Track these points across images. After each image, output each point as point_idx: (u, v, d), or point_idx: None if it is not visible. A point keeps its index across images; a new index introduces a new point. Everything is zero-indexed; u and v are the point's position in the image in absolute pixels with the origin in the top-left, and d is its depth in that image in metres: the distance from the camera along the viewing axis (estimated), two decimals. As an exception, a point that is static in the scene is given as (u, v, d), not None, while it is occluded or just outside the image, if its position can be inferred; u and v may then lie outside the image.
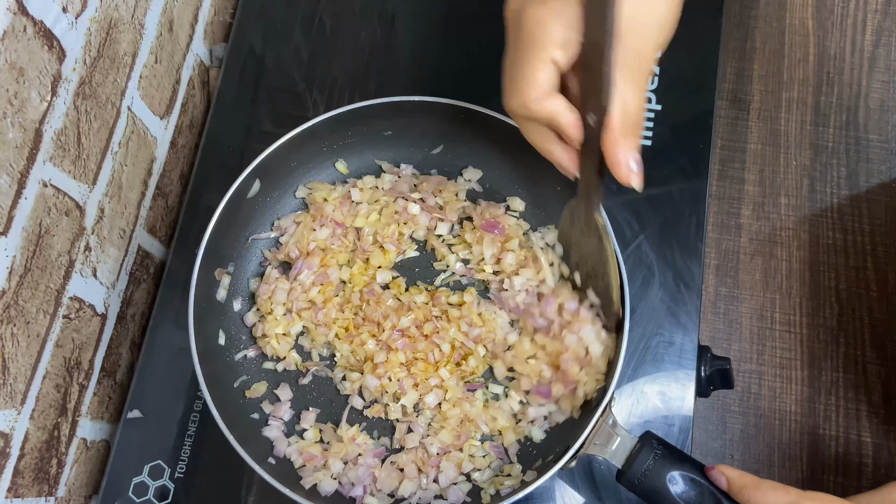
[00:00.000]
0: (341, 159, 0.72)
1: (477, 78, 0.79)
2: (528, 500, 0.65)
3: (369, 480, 0.63)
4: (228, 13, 0.87)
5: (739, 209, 1.31)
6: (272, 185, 0.69)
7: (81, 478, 0.68)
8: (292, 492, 0.58)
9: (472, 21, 0.82)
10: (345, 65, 0.80)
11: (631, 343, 0.69)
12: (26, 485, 0.59)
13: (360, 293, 0.68)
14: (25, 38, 0.50)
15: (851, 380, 1.22)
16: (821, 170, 1.32)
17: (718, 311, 1.26)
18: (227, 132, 0.78)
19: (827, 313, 1.26)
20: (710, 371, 0.72)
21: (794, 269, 1.28)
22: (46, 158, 0.55)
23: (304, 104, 0.79)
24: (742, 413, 1.22)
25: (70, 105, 0.57)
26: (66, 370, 0.63)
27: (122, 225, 0.69)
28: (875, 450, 1.19)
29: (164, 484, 0.67)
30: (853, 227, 1.29)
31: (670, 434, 0.68)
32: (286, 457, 0.64)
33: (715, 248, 1.29)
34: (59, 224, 0.58)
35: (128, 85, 0.66)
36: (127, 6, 0.64)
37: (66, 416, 0.64)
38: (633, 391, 0.69)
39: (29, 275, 0.55)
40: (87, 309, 0.65)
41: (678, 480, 0.56)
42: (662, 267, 0.73)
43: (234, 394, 0.65)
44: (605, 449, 0.59)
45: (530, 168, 0.69)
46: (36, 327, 0.57)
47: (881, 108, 1.34)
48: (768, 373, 1.23)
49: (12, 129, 0.51)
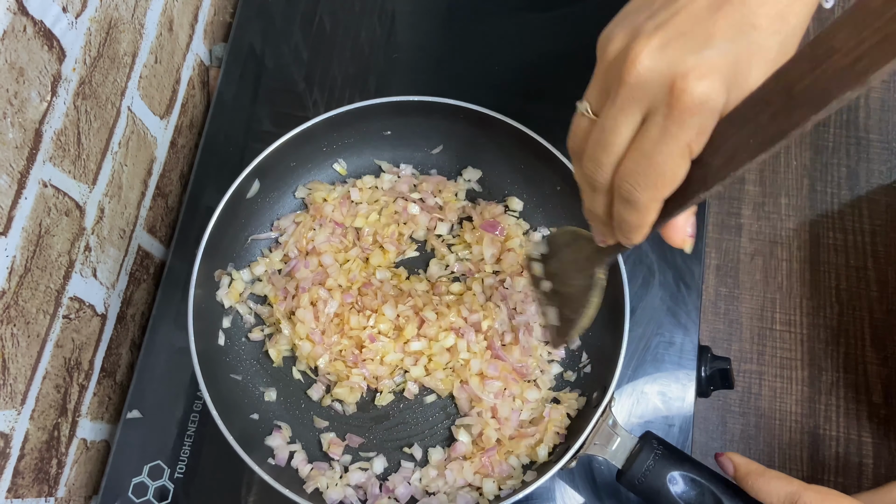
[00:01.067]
0: (341, 159, 0.72)
1: (477, 78, 0.79)
2: (528, 500, 0.65)
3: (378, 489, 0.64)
4: (228, 13, 0.87)
5: (739, 209, 1.31)
6: (272, 185, 0.69)
7: (81, 478, 0.68)
8: (293, 493, 0.58)
9: (472, 21, 0.82)
10: (345, 65, 0.80)
11: (631, 343, 0.69)
12: (26, 485, 0.59)
13: (359, 289, 0.68)
14: (25, 37, 0.50)
15: (852, 380, 1.22)
16: (821, 170, 1.32)
17: (718, 311, 1.26)
18: (227, 132, 0.78)
19: (827, 313, 1.25)
20: (711, 371, 0.72)
21: (795, 269, 1.28)
22: (46, 158, 0.55)
23: (303, 104, 0.79)
24: (742, 413, 1.22)
25: (70, 105, 0.57)
26: (66, 370, 0.63)
27: (121, 225, 0.69)
28: (875, 450, 1.19)
29: (163, 484, 0.67)
30: (853, 227, 1.29)
31: (670, 434, 0.68)
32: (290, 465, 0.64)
33: (715, 248, 1.29)
34: (58, 224, 0.58)
35: (128, 85, 0.66)
36: (127, 6, 0.64)
37: (66, 417, 0.64)
38: (633, 391, 0.69)
39: (29, 275, 0.55)
40: (87, 309, 0.65)
41: (678, 480, 0.56)
42: (662, 267, 0.73)
43: (234, 394, 0.65)
44: (605, 449, 0.59)
45: (529, 168, 0.69)
46: (36, 327, 0.57)
47: (881, 108, 1.34)
48: (768, 373, 1.23)
49: (12, 129, 0.50)
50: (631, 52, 0.34)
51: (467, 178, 0.73)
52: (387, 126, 0.70)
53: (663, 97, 0.34)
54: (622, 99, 0.35)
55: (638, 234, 0.39)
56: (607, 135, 0.37)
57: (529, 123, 0.66)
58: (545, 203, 0.71)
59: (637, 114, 0.35)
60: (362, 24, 0.82)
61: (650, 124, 0.35)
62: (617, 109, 0.36)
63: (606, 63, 0.37)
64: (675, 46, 0.33)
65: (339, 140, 0.70)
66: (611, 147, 0.37)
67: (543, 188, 0.70)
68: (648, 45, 0.34)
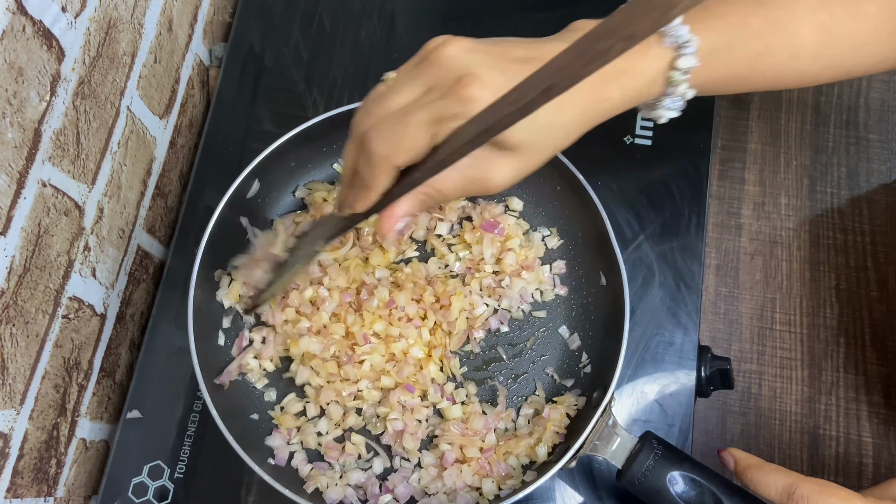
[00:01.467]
0: (341, 159, 0.72)
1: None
2: (528, 500, 0.65)
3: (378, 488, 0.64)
4: (228, 13, 0.87)
5: (739, 209, 1.31)
6: (271, 185, 0.69)
7: (81, 478, 0.68)
8: (293, 493, 0.57)
9: (472, 21, 0.82)
10: (345, 65, 0.80)
11: (631, 343, 0.69)
12: (25, 485, 0.59)
13: (358, 289, 0.68)
14: (24, 37, 0.50)
15: (852, 380, 1.22)
16: (821, 170, 1.32)
17: (718, 311, 1.26)
18: (227, 132, 0.78)
19: (827, 313, 1.25)
20: (711, 371, 0.72)
21: (795, 269, 1.28)
22: (45, 158, 0.55)
23: (303, 104, 0.79)
24: (742, 413, 1.22)
25: (69, 105, 0.57)
26: (66, 370, 0.63)
27: (121, 225, 0.69)
28: (875, 450, 1.19)
29: (163, 484, 0.67)
30: (853, 227, 1.29)
31: (670, 434, 0.68)
32: (290, 465, 0.64)
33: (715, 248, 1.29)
34: (58, 224, 0.58)
35: (127, 85, 0.66)
36: (126, 6, 0.64)
37: (65, 417, 0.64)
38: (633, 391, 0.69)
39: (28, 275, 0.55)
40: (87, 309, 0.65)
41: (678, 480, 0.56)
42: (662, 267, 0.73)
43: (234, 394, 0.65)
44: (605, 449, 0.59)
45: (530, 168, 0.69)
46: (35, 327, 0.57)
47: (881, 108, 1.34)
48: (768, 373, 1.23)
49: (11, 129, 0.50)
50: (448, 42, 0.42)
51: (467, 177, 0.73)
52: (386, 126, 0.70)
53: (449, 81, 0.40)
54: (418, 69, 0.42)
55: (366, 193, 0.43)
56: (389, 92, 0.42)
57: (529, 123, 0.66)
58: (545, 203, 0.71)
59: (422, 86, 0.41)
60: (362, 24, 0.82)
61: (424, 95, 0.41)
62: (410, 76, 0.42)
63: (425, 51, 0.43)
64: (479, 57, 0.41)
65: (339, 140, 0.70)
66: (385, 102, 0.42)
67: (543, 188, 0.70)
68: (461, 45, 0.42)
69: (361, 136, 0.42)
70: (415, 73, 0.42)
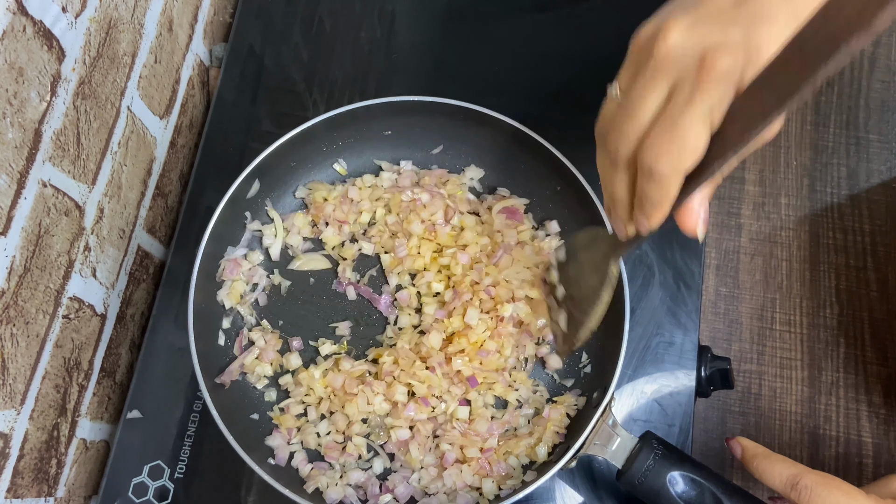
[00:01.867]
0: (341, 159, 0.72)
1: (477, 78, 0.79)
2: (528, 500, 0.65)
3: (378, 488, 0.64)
4: (228, 13, 0.87)
5: (739, 209, 1.31)
6: (272, 185, 0.69)
7: (81, 478, 0.68)
8: (293, 493, 0.57)
9: (471, 21, 0.82)
10: (345, 65, 0.80)
11: (631, 343, 0.69)
12: (26, 485, 0.59)
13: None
14: (25, 37, 0.50)
15: (852, 380, 1.22)
16: (821, 170, 1.32)
17: (718, 311, 1.26)
18: (227, 132, 0.78)
19: (827, 313, 1.25)
20: (711, 371, 0.72)
21: (794, 269, 1.28)
22: (46, 158, 0.55)
23: (303, 104, 0.79)
24: (742, 413, 1.22)
25: (69, 105, 0.57)
26: (66, 370, 0.63)
27: (121, 225, 0.69)
28: (875, 450, 1.19)
29: (163, 484, 0.67)
30: (853, 227, 1.29)
31: (670, 434, 0.68)
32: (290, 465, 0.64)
33: (715, 248, 1.29)
34: (58, 224, 0.58)
35: (127, 85, 0.66)
36: (126, 6, 0.64)
37: (65, 417, 0.64)
38: (633, 391, 0.69)
39: (28, 275, 0.55)
40: (87, 309, 0.65)
41: (678, 480, 0.56)
42: (662, 267, 0.73)
43: (234, 394, 0.65)
44: (605, 449, 0.59)
45: (530, 168, 0.69)
46: (35, 327, 0.57)
47: (881, 108, 1.34)
48: (768, 373, 1.23)
49: (12, 129, 0.50)
50: (661, 31, 0.38)
51: (470, 176, 0.72)
52: (387, 126, 0.70)
53: (692, 68, 0.37)
54: (651, 71, 0.38)
55: (659, 211, 0.41)
56: (635, 106, 0.39)
57: (529, 123, 0.66)
58: (545, 203, 0.71)
59: (664, 86, 0.38)
60: (362, 24, 0.82)
61: (677, 94, 0.37)
62: (645, 81, 0.39)
63: (637, 47, 0.39)
64: (702, 27, 0.37)
65: (339, 140, 0.70)
66: (637, 118, 0.39)
67: (543, 188, 0.70)
68: (678, 25, 0.37)
69: (629, 160, 0.40)
70: (648, 76, 0.39)
